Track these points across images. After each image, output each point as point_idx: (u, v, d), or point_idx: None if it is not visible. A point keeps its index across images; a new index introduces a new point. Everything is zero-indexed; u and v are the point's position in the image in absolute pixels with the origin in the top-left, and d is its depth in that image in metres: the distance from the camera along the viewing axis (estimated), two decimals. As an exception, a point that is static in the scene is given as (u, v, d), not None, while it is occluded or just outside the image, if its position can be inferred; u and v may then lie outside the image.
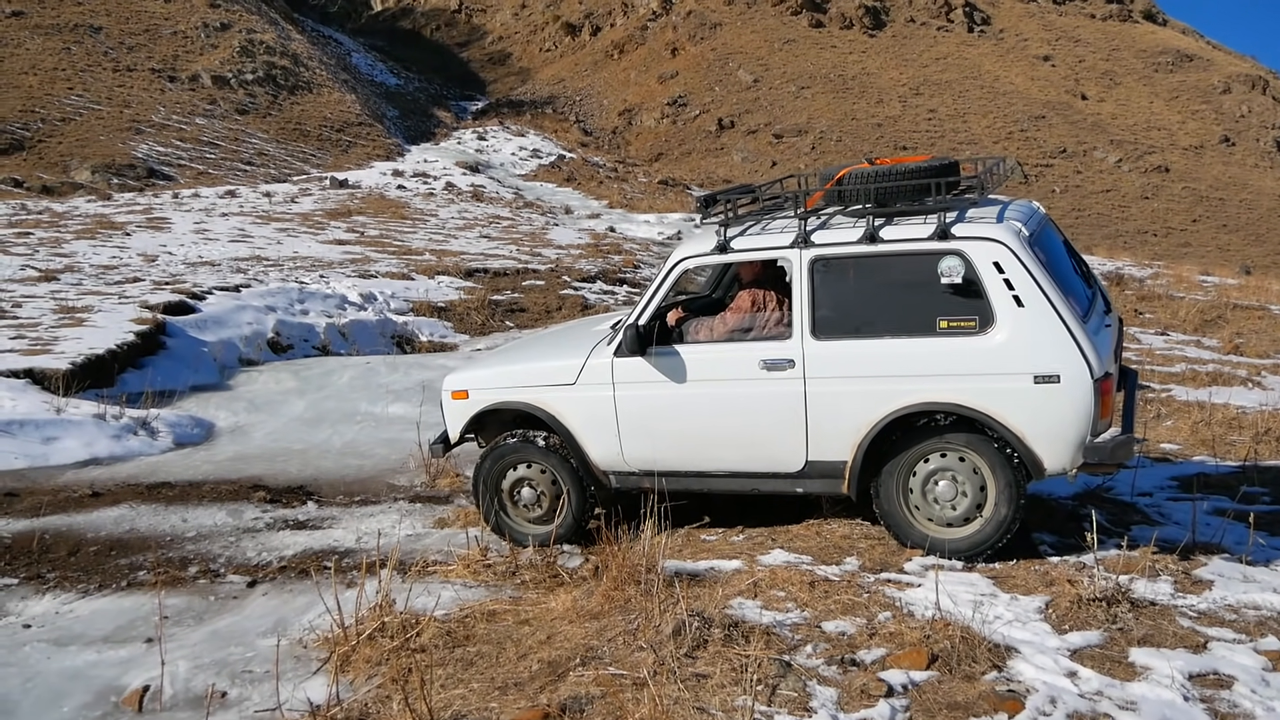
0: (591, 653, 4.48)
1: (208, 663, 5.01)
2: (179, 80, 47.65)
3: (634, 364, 5.93)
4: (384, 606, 4.99)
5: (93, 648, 5.35)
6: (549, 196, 41.17)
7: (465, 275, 18.73)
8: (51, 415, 9.25)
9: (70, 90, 43.19)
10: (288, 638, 5.19)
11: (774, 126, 56.58)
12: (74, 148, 38.08)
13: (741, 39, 65.48)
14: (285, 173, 41.17)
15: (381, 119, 53.71)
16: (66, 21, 48.83)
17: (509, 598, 5.43)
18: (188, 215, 27.02)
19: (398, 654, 4.71)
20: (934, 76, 61.50)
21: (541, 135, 56.23)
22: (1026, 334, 5.16)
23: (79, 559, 6.67)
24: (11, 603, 6.12)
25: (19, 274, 16.87)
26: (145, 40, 49.89)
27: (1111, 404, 5.32)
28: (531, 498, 6.36)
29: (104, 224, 24.36)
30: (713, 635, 4.43)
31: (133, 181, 35.67)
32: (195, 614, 5.78)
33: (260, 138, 45.12)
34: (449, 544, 6.53)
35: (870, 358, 5.45)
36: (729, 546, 5.96)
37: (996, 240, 5.22)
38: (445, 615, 5.14)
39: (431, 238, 25.48)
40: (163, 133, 41.91)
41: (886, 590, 5.10)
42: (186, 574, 6.34)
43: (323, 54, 59.57)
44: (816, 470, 5.68)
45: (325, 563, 6.30)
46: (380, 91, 61.81)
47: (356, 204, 32.10)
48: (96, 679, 4.97)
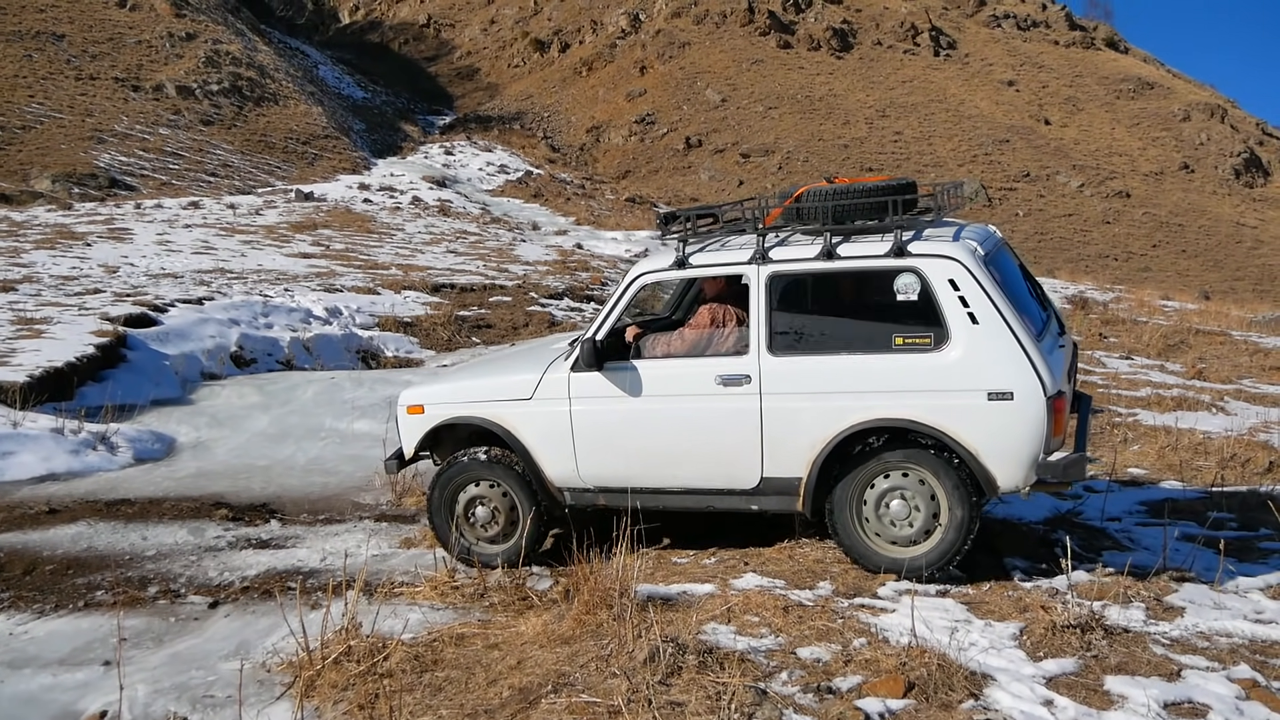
0: (564, 679, 4.40)
1: (168, 687, 4.88)
2: (143, 90, 47.17)
3: (591, 379, 5.91)
4: (350, 629, 4.89)
5: (48, 670, 5.20)
6: (516, 212, 41.05)
7: (432, 290, 18.59)
8: (8, 429, 9.05)
9: (31, 98, 42.65)
10: (251, 661, 5.07)
11: (741, 146, 56.80)
12: (34, 156, 37.57)
13: (710, 59, 65.76)
14: (250, 185, 40.81)
15: (348, 132, 53.41)
16: (28, 29, 48.25)
17: (478, 620, 5.34)
18: (150, 226, 26.69)
19: (364, 679, 4.61)
20: (900, 99, 62.01)
21: (509, 151, 56.12)
22: (980, 351, 5.20)
23: (35, 578, 6.50)
24: (-37, 624, 5.95)
25: (-24, 284, 16.55)
26: (109, 49, 49.37)
27: (1064, 422, 5.35)
28: (486, 516, 6.30)
29: (64, 234, 24.01)
30: (687, 661, 4.37)
31: (94, 191, 35.21)
32: (155, 635, 5.64)
33: (225, 149, 44.73)
34: (416, 564, 6.44)
35: (826, 374, 5.47)
36: (701, 570, 5.90)
37: (951, 258, 5.28)
38: (413, 639, 5.04)
39: (398, 252, 25.32)
40: (125, 142, 41.45)
41: (861, 616, 5.06)
42: (146, 594, 6.20)
43: (289, 66, 59.19)
44: (772, 487, 5.67)
45: (289, 583, 6.18)
46: (347, 104, 61.50)
47: (322, 217, 31.85)
48: (52, 703, 4.83)
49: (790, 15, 69.76)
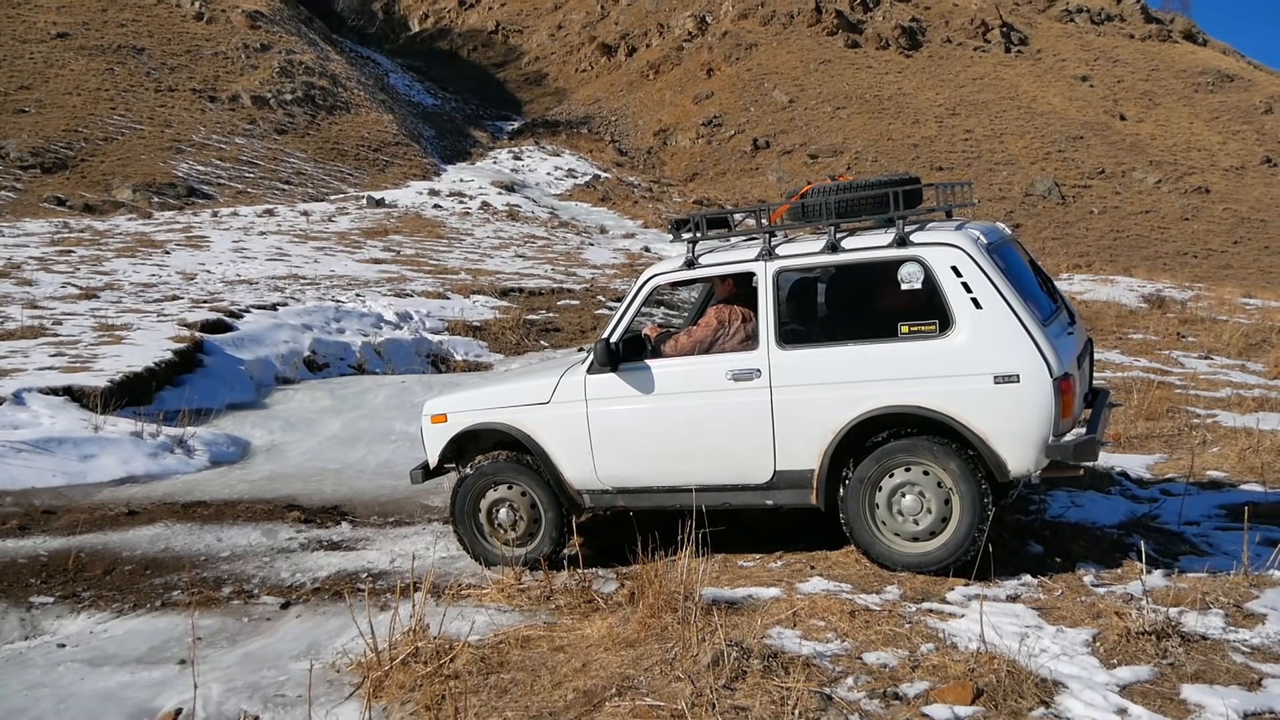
0: (628, 683, 4.40)
1: (240, 686, 4.96)
2: (219, 100, 48.19)
3: (606, 380, 6.02)
4: (418, 631, 4.93)
5: (126, 669, 5.32)
6: (584, 216, 41.24)
7: (500, 294, 18.74)
8: (89, 433, 9.29)
9: (113, 110, 43.78)
10: (321, 661, 5.14)
11: (809, 147, 56.46)
12: (116, 167, 38.56)
13: (777, 59, 65.47)
14: (323, 192, 41.50)
15: (418, 139, 54.05)
16: (110, 43, 49.55)
17: (543, 623, 5.35)
18: (226, 234, 27.26)
19: (431, 680, 4.65)
20: (970, 97, 61.19)
21: (577, 155, 56.38)
22: (985, 335, 5.26)
23: (114, 578, 6.67)
24: (47, 621, 6.13)
25: (60, 291, 17.04)
26: (187, 61, 50.51)
27: (1074, 404, 5.36)
28: (509, 519, 6.40)
29: (144, 242, 24.61)
30: (752, 666, 4.34)
31: (173, 200, 36.06)
32: (229, 635, 5.75)
33: (298, 157, 45.52)
34: (481, 567, 6.48)
35: (834, 365, 5.54)
36: (766, 573, 5.87)
37: (954, 245, 5.38)
38: (479, 641, 5.07)
39: (467, 257, 25.56)
40: (203, 152, 42.37)
41: (928, 621, 4.99)
42: (220, 594, 6.32)
43: (361, 74, 60.09)
44: (785, 480, 5.73)
45: (359, 585, 6.26)
46: (417, 111, 62.24)
47: (393, 223, 32.28)
48: (129, 701, 4.94)
49: (858, 14, 69.20)
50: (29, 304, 15.29)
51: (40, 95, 43.47)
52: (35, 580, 6.59)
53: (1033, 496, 7.24)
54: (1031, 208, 49.59)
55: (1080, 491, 7.32)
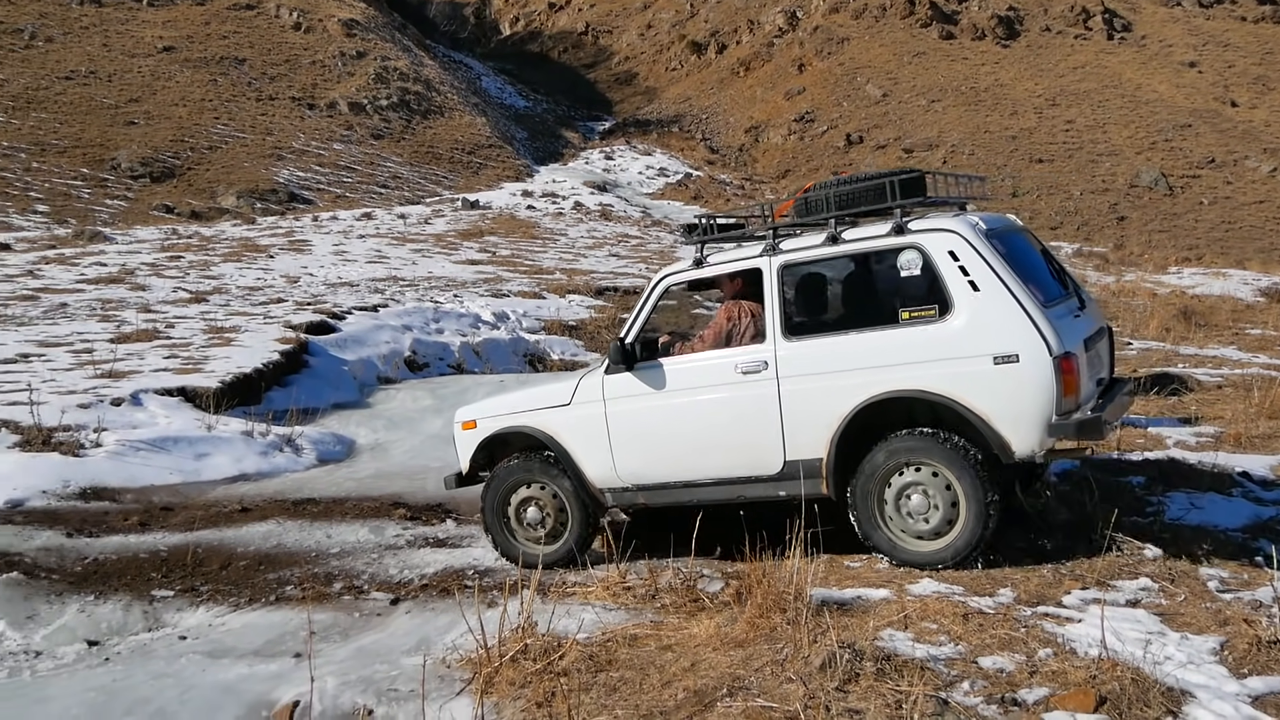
0: (738, 683, 4.36)
1: (354, 680, 5.04)
2: (317, 108, 49.29)
3: (623, 379, 6.20)
4: (526, 628, 4.95)
5: (244, 661, 5.45)
6: (676, 215, 41.24)
7: (595, 294, 18.84)
8: (203, 432, 9.56)
9: (217, 120, 45.06)
10: (431, 656, 5.19)
11: (904, 141, 55.72)
12: (220, 174, 39.69)
13: (870, 53, 64.75)
14: (419, 195, 42.18)
15: (511, 141, 54.65)
16: (213, 55, 51.01)
17: (650, 622, 5.34)
18: (327, 237, 27.85)
19: (541, 677, 4.67)
20: (1071, 86, 59.77)
21: (668, 154, 56.45)
22: (984, 317, 5.33)
23: (230, 573, 6.85)
24: (168, 614, 6.31)
25: (171, 295, 17.58)
26: (286, 70, 51.78)
27: (1076, 383, 5.33)
28: (536, 517, 6.58)
29: (249, 247, 25.27)
30: (864, 668, 4.27)
31: (275, 205, 36.99)
32: (341, 630, 5.85)
33: (394, 161, 46.34)
34: (587, 564, 6.50)
35: (838, 353, 5.65)
36: (875, 574, 5.78)
37: (950, 230, 5.48)
38: (587, 638, 5.08)
39: (561, 257, 25.75)
40: (302, 158, 43.37)
41: (1045, 625, 4.86)
42: (332, 590, 6.44)
43: (454, 78, 60.96)
44: (796, 470, 5.82)
45: (466, 582, 6.33)
46: (509, 114, 62.93)
47: (488, 224, 32.65)
48: (248, 693, 5.04)
49: (953, 5, 68.09)
50: (143, 308, 15.80)
51: (148, 107, 44.95)
52: (156, 574, 6.80)
53: (1149, 499, 7.03)
54: (1136, 199, 48.25)
55: (1200, 493, 7.08)
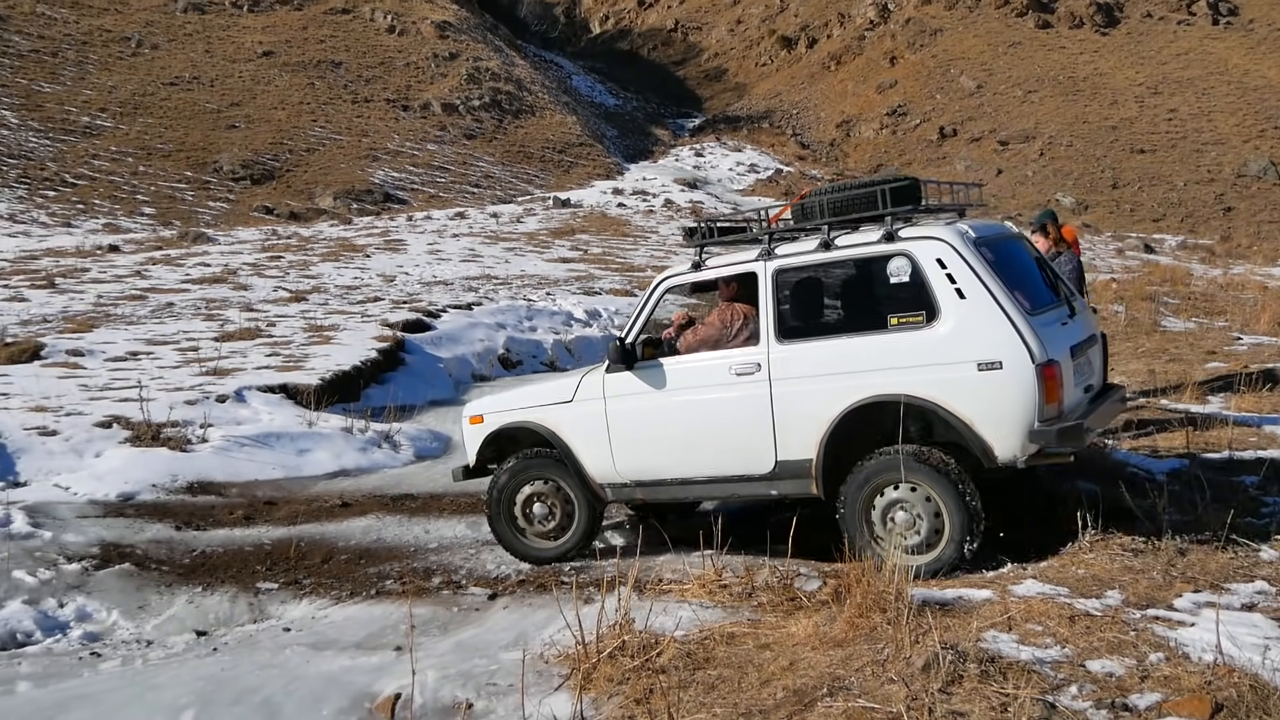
0: (838, 683, 4.31)
1: (454, 673, 5.10)
2: (411, 109, 50.07)
3: (622, 378, 6.39)
4: (624, 625, 4.96)
5: (346, 653, 5.56)
6: (766, 211, 40.97)
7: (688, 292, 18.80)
8: (304, 428, 9.77)
9: (314, 122, 46.04)
10: (529, 652, 5.23)
11: (999, 133, 54.66)
12: (318, 175, 40.55)
13: (963, 44, 63.64)
14: (511, 194, 42.60)
15: (601, 139, 54.89)
16: (310, 58, 52.12)
17: (747, 620, 5.31)
18: (421, 237, 28.27)
19: (639, 674, 4.67)
20: (1174, 74, 58.01)
21: (758, 150, 56.18)
22: (969, 324, 5.45)
23: (331, 566, 6.99)
24: (273, 606, 6.47)
25: (271, 295, 18.01)
26: (381, 72, 52.69)
27: (1058, 391, 5.44)
28: (543, 512, 6.75)
29: (346, 247, 25.77)
30: (968, 670, 4.19)
31: (370, 206, 37.68)
32: (440, 624, 5.94)
33: (487, 161, 46.87)
34: (683, 562, 6.49)
35: (828, 356, 5.81)
36: (976, 575, 5.67)
37: (938, 238, 5.59)
38: (684, 636, 5.07)
39: (653, 254, 25.78)
40: (397, 159, 44.10)
41: (1155, 628, 4.71)
42: (430, 584, 6.54)
43: (544, 78, 61.44)
44: (787, 470, 5.98)
45: (563, 577, 6.37)
46: (599, 112, 63.21)
47: (579, 222, 32.85)
48: (351, 684, 5.13)
49: (1050, -7, 66.54)
50: (245, 307, 16.21)
51: (249, 111, 46.11)
52: (260, 567, 6.98)
53: (1264, 499, 6.79)
54: (1244, 189, 46.65)
55: (1322, 493, 6.82)
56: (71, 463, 8.59)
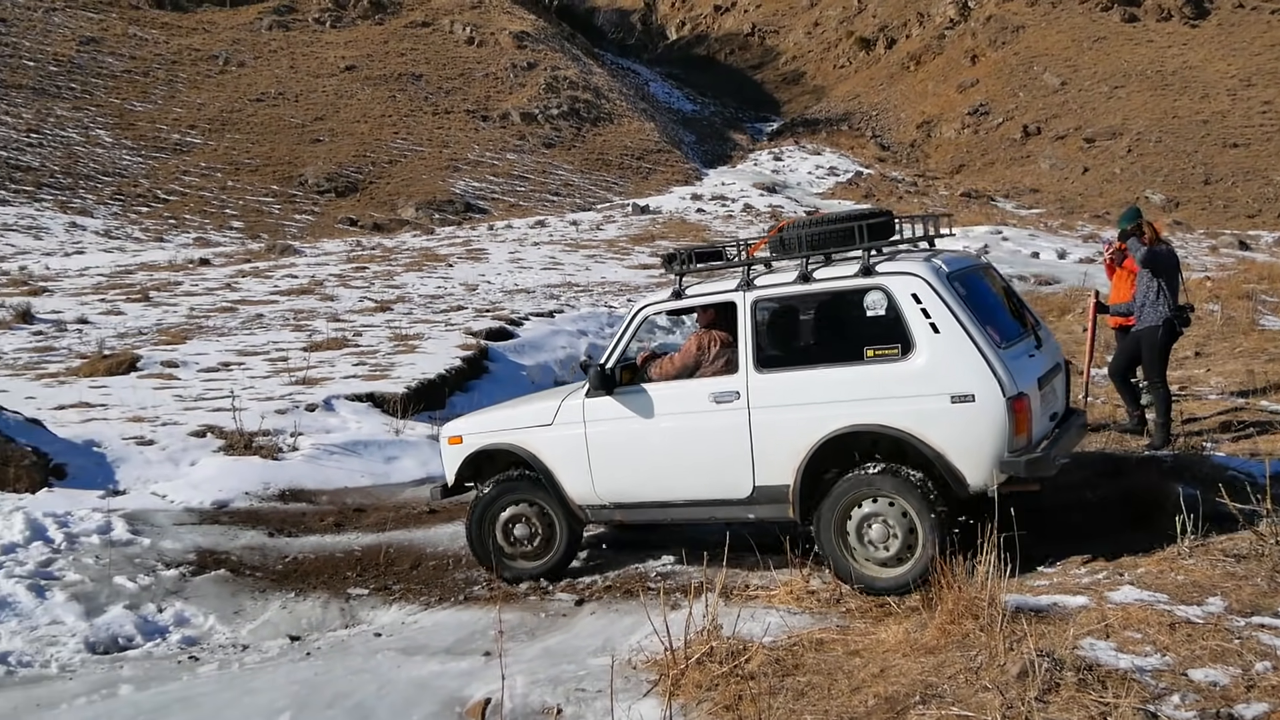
0: (931, 690, 4.25)
1: (542, 679, 5.13)
2: (491, 119, 50.64)
3: (602, 402, 6.47)
4: (711, 631, 4.95)
5: (436, 659, 5.62)
6: (846, 214, 40.66)
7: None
8: (391, 436, 9.92)
9: (396, 134, 46.79)
10: (617, 657, 5.24)
11: (1085, 130, 53.55)
12: (400, 187, 41.20)
13: (1046, 40, 62.50)
14: (590, 201, 42.83)
15: (679, 145, 54.95)
16: (392, 72, 53.00)
17: (835, 626, 5.27)
18: (502, 245, 28.55)
19: (727, 680, 4.65)
20: (1269, 65, 56.26)
21: (837, 152, 55.77)
22: (943, 358, 5.60)
23: (420, 572, 7.09)
24: (363, 611, 6.58)
25: (357, 305, 18.33)
26: (460, 84, 53.37)
27: (1027, 422, 5.61)
28: (525, 533, 6.78)
29: (429, 256, 26.12)
30: (1065, 678, 4.10)
31: (452, 216, 38.18)
32: (528, 630, 5.98)
33: (565, 169, 47.19)
34: (769, 568, 6.45)
35: (806, 386, 5.93)
36: (1071, 580, 5.55)
37: (914, 274, 5.75)
38: (773, 642, 5.04)
39: (731, 259, 25.71)
40: (477, 169, 44.62)
41: (1261, 636, 4.56)
42: (518, 590, 6.59)
43: (622, 85, 61.69)
44: (764, 495, 6.08)
45: (649, 584, 6.37)
46: (677, 118, 63.28)
47: (658, 228, 32.90)
48: (441, 689, 5.19)
49: (1136, -14, 65.07)
50: (332, 317, 16.52)
51: (332, 125, 47.03)
52: (351, 573, 7.10)
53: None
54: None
55: None
56: (168, 471, 8.81)
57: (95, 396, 11.06)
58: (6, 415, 9.05)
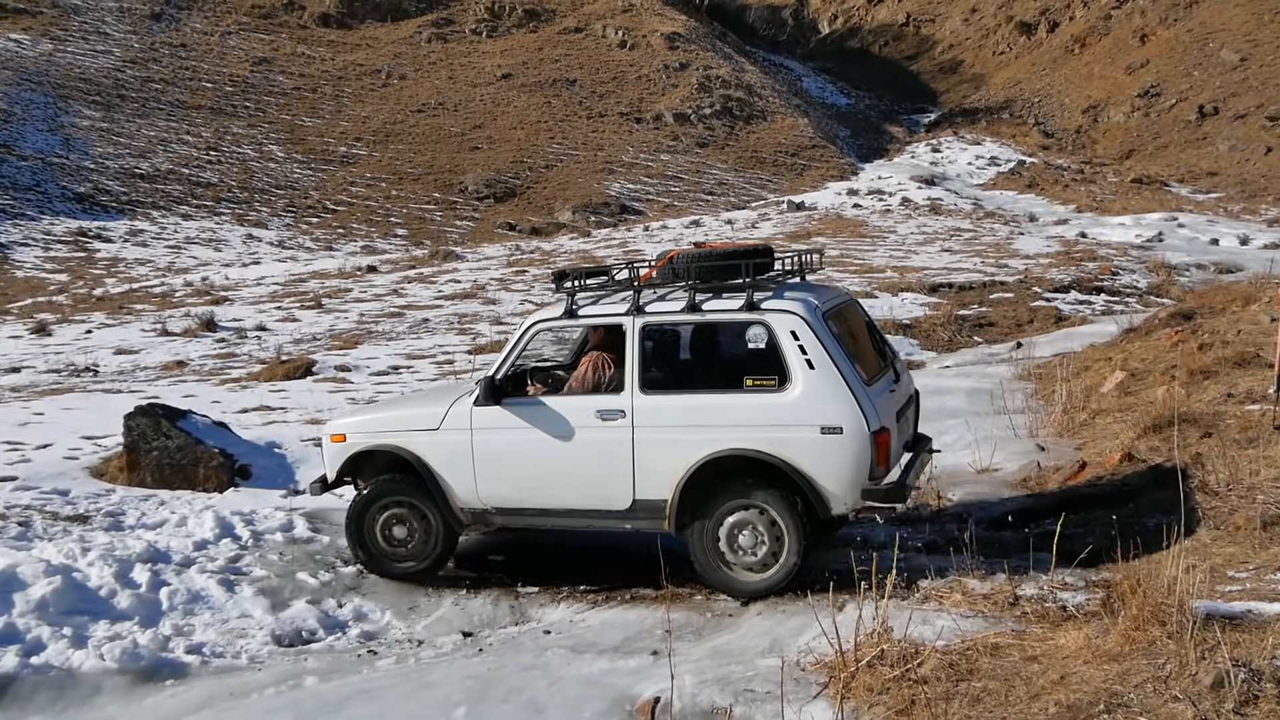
0: (1116, 699, 4.09)
1: (711, 679, 5.14)
2: (644, 121, 51.02)
3: (490, 412, 6.67)
4: (882, 633, 4.88)
5: (605, 657, 5.69)
6: (1010, 205, 39.55)
7: (929, 291, 18.37)
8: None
9: (551, 140, 47.60)
10: (786, 658, 5.21)
11: (1268, 108, 50.57)
12: (556, 191, 41.90)
13: (1223, 15, 59.29)
14: (744, 199, 42.73)
15: (833, 140, 54.30)
16: (546, 78, 53.93)
17: (1011, 631, 5.12)
18: (659, 246, 28.65)
19: (899, 684, 4.58)
20: None
21: (998, 142, 54.21)
22: (815, 392, 6.04)
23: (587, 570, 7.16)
24: (533, 609, 6.71)
25: (519, 308, 18.71)
26: (613, 87, 53.93)
27: (887, 454, 6.11)
28: (403, 534, 7.00)
29: (586, 259, 26.49)
30: (1264, 690, 3.90)
31: (607, 218, 38.61)
32: (695, 630, 6.01)
33: (719, 168, 47.19)
34: (938, 569, 6.31)
35: (689, 410, 6.32)
36: (1267, 586, 5.26)
37: (793, 313, 6.15)
38: (945, 646, 4.93)
39: (891, 254, 25.29)
40: (631, 171, 45.02)
41: None
42: (683, 590, 6.60)
43: (774, 82, 61.32)
44: (643, 508, 6.46)
45: (816, 583, 6.30)
46: (831, 113, 62.55)
47: (814, 225, 32.60)
48: (611, 687, 5.25)
49: (1323, -47, 61.14)
50: (495, 320, 16.92)
51: (490, 132, 48.16)
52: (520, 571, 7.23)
53: None
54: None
55: None
56: (345, 471, 9.13)
57: (275, 400, 11.60)
58: (196, 419, 9.57)
